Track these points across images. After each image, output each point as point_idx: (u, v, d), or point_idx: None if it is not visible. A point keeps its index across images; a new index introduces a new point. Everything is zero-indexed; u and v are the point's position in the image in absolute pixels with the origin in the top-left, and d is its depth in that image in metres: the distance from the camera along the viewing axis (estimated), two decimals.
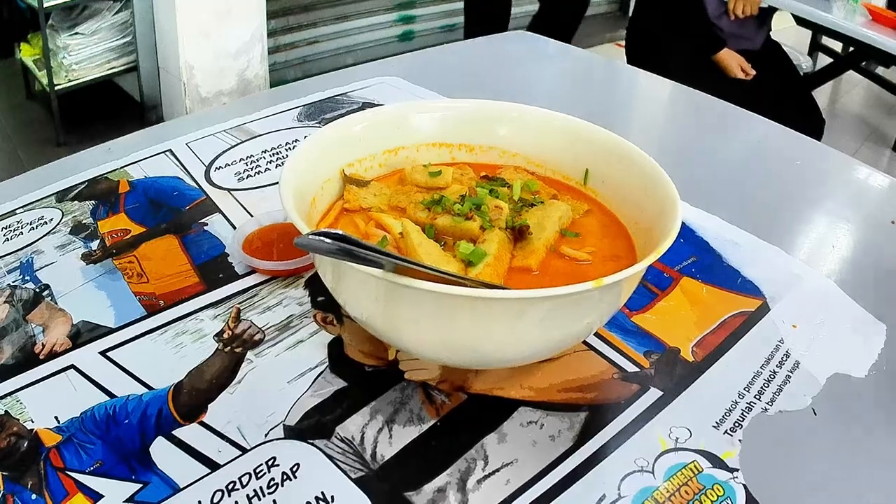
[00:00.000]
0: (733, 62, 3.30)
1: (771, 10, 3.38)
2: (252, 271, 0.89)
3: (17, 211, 1.05)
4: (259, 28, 4.67)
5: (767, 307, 0.86)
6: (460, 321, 0.60)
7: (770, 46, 3.56)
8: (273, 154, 1.17)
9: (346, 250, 0.55)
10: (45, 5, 4.66)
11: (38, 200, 1.07)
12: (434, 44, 5.96)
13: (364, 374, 0.74)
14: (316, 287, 0.86)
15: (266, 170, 1.12)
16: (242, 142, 1.20)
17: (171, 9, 4.50)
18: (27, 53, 5.66)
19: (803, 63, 4.02)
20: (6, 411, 0.72)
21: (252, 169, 1.12)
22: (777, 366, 0.77)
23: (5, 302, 0.87)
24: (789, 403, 0.73)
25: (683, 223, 0.79)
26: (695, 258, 0.93)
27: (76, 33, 4.85)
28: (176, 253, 0.93)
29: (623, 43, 3.98)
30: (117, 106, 5.44)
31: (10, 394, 0.74)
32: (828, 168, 1.26)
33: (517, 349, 0.64)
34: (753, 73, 3.29)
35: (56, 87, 4.84)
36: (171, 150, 1.17)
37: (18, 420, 0.71)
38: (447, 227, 0.74)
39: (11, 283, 0.89)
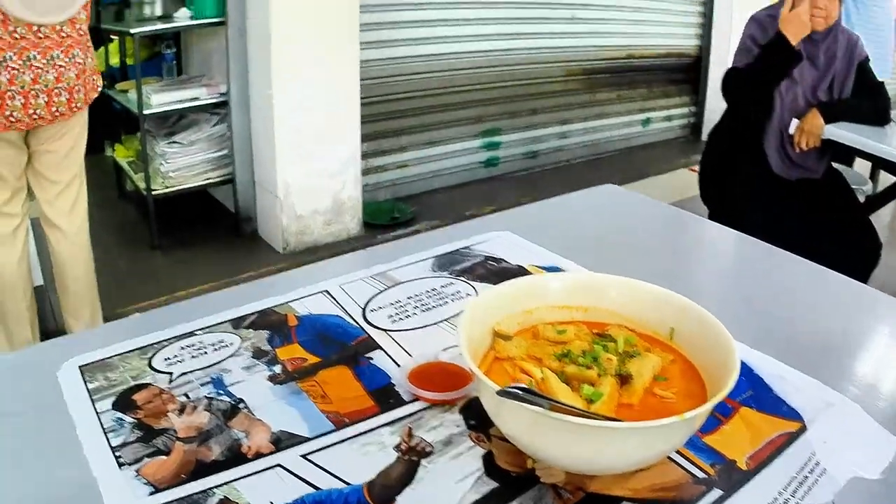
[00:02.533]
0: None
1: (832, 142, 3.57)
2: (416, 399, 1.14)
3: (197, 332, 1.31)
4: (354, 150, 4.87)
5: (805, 428, 1.09)
6: (585, 442, 0.89)
7: (831, 175, 3.79)
8: (417, 300, 1.42)
9: (528, 399, 0.88)
10: (145, 112, 4.86)
11: (215, 325, 1.33)
12: (517, 170, 6.23)
13: (510, 478, 0.99)
14: (468, 413, 1.11)
15: (413, 314, 1.37)
16: (389, 287, 1.46)
17: (270, 126, 4.71)
18: (121, 154, 5.93)
19: (864, 187, 4.22)
20: (225, 496, 0.96)
21: (402, 313, 1.38)
22: (808, 472, 1.01)
23: (205, 410, 1.12)
24: (816, 499, 0.96)
25: (742, 362, 1.00)
26: (751, 392, 1.17)
27: (174, 142, 5.07)
28: (350, 381, 1.18)
29: (696, 168, 4.19)
30: (211, 214, 5.68)
31: (225, 483, 0.98)
32: (869, 312, 1.51)
33: (623, 462, 0.93)
34: None
35: (152, 192, 5.05)
36: (327, 291, 1.43)
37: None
38: (574, 374, 1.03)
39: (207, 395, 1.14)
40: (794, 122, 3.61)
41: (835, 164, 3.87)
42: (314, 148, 4.79)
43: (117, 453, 1.03)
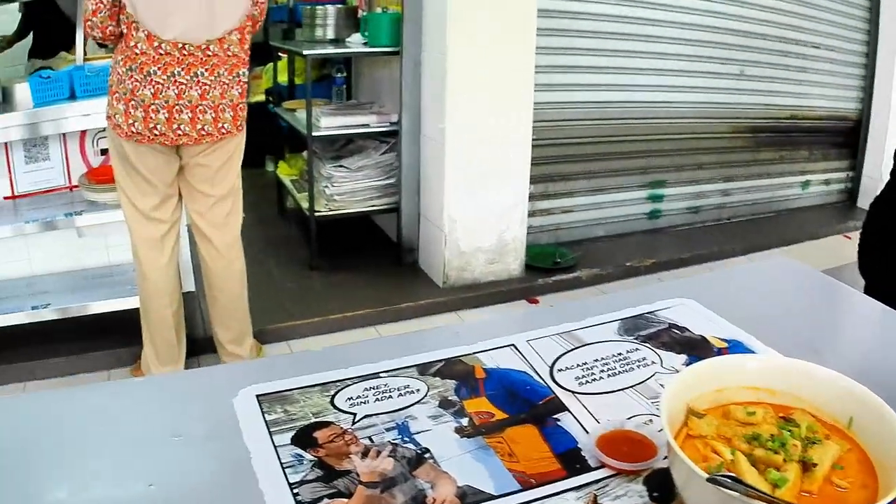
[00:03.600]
0: None
1: None
2: (602, 465, 1.13)
3: (381, 374, 1.29)
4: (522, 192, 4.87)
5: None
6: None
7: None
8: (603, 364, 1.40)
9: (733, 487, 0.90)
10: (314, 134, 4.93)
11: (400, 368, 1.31)
12: (678, 224, 6.17)
13: None
14: (651, 483, 1.09)
15: (600, 378, 1.35)
16: (576, 348, 1.44)
17: (440, 160, 4.74)
18: (284, 172, 6.05)
19: None
20: None
21: (588, 375, 1.36)
22: None
23: (389, 456, 1.09)
24: None
25: None
26: None
27: (341, 166, 5.13)
28: (538, 441, 1.17)
29: (850, 235, 4.10)
30: (371, 240, 5.73)
31: None
32: None
33: None
34: None
35: (315, 213, 5.13)
36: (514, 345, 1.40)
37: None
38: (761, 457, 1.02)
39: (392, 441, 1.12)
40: None
41: None
42: (483, 185, 4.80)
43: (295, 490, 1.03)
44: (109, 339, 4.25)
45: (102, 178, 4.14)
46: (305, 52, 5.01)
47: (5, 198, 4.33)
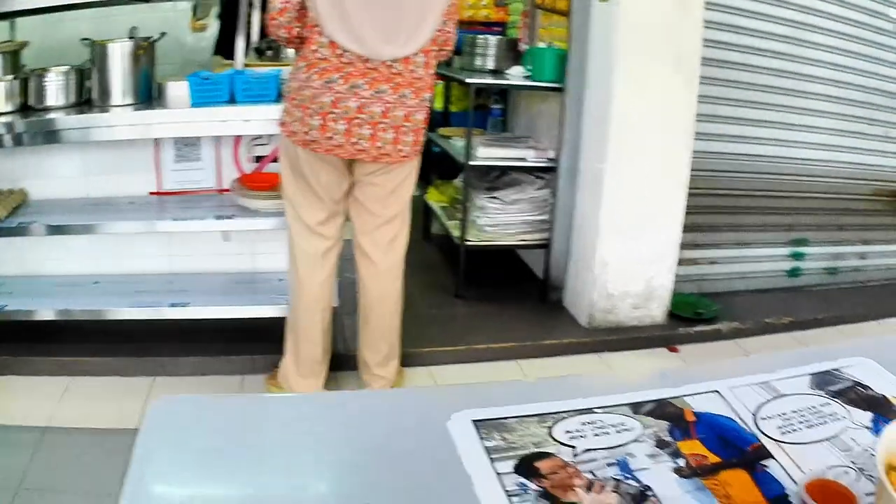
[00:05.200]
0: None
1: None
2: None
3: (595, 410, 1.32)
4: (674, 239, 4.87)
5: None
6: None
7: None
8: (800, 415, 1.43)
9: None
10: (471, 163, 4.98)
11: (613, 406, 1.34)
12: (815, 284, 6.08)
13: None
14: None
15: (798, 429, 1.38)
16: (774, 398, 1.48)
17: (597, 201, 4.77)
18: (434, 198, 6.12)
19: None
20: None
21: (788, 426, 1.39)
22: None
23: (613, 491, 1.13)
24: None
25: None
26: None
27: (495, 197, 5.18)
28: (749, 485, 1.21)
29: None
30: (517, 275, 5.77)
31: None
32: None
33: None
34: None
35: (466, 242, 5.21)
36: (718, 391, 1.44)
37: None
38: None
39: (615, 477, 1.16)
40: None
41: None
42: (637, 229, 4.81)
43: None
44: (246, 344, 4.37)
45: (257, 184, 4.26)
46: (468, 80, 5.08)
47: (150, 193, 4.47)
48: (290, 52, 4.08)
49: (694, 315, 5.15)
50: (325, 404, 1.46)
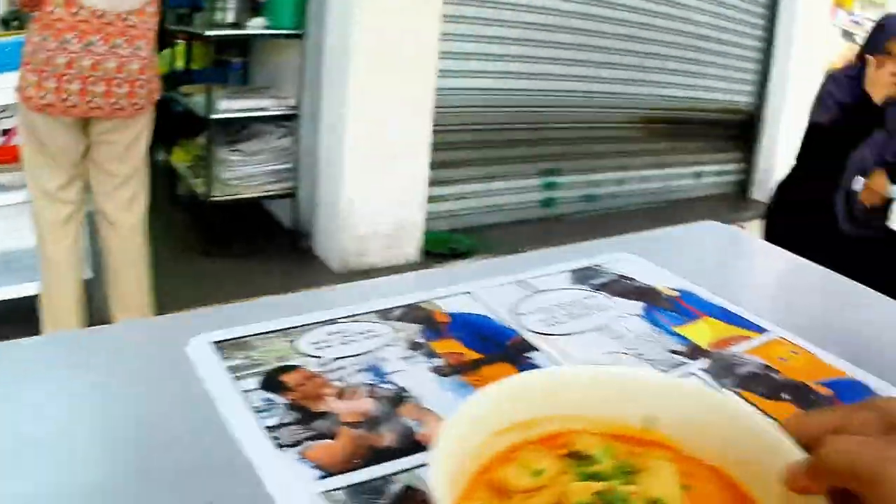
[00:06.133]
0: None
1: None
2: None
3: (341, 320, 1.25)
4: (422, 177, 4.88)
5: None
6: None
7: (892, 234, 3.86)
8: (563, 308, 1.39)
9: None
10: (212, 117, 4.88)
11: (359, 314, 1.27)
12: (573, 213, 6.23)
13: None
14: None
15: (563, 321, 1.34)
16: (533, 294, 1.43)
17: (339, 144, 4.74)
18: (178, 158, 6.00)
19: None
20: (407, 485, 0.90)
21: (551, 318, 1.34)
22: None
23: (368, 396, 1.05)
24: None
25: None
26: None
27: (237, 150, 5.09)
28: None
29: (744, 225, 4.26)
30: (265, 227, 5.69)
31: (405, 471, 0.93)
32: None
33: None
34: None
35: (210, 198, 5.19)
36: (471, 293, 1.39)
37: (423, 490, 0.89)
38: None
39: (368, 382, 1.08)
40: (860, 181, 3.69)
41: None
42: (382, 171, 4.80)
43: (273, 434, 0.98)
44: (4, 328, 4.12)
45: (4, 157, 4.13)
46: (208, 33, 5.02)
47: None
48: None
49: (448, 251, 5.19)
50: (58, 344, 1.35)
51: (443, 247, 5.14)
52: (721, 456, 0.75)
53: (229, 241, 5.35)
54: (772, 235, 4.08)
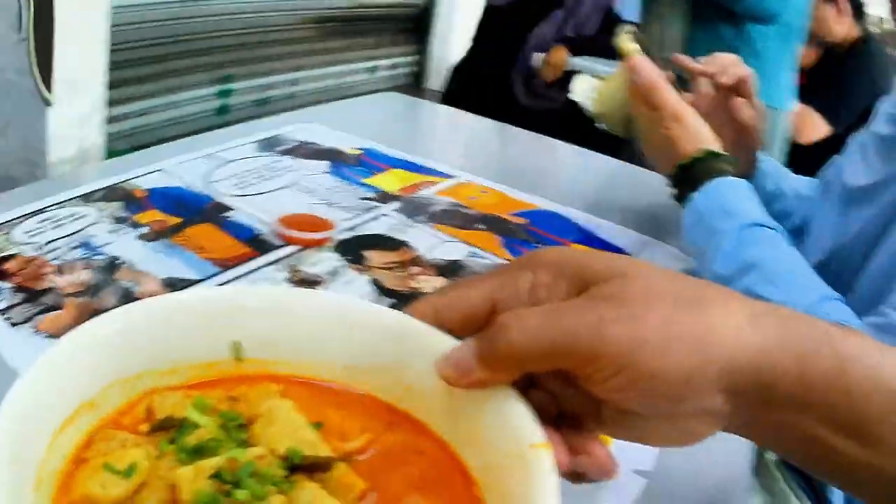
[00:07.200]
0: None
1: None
2: (288, 243, 1.23)
3: (47, 209, 1.29)
4: (99, 99, 4.73)
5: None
6: None
7: (571, 104, 4.05)
8: (254, 173, 1.50)
9: None
10: None
11: (64, 201, 1.33)
12: (247, 116, 6.16)
13: (402, 295, 1.13)
14: (342, 250, 1.23)
15: (255, 183, 1.46)
16: (223, 164, 1.53)
17: None
18: None
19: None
20: None
21: (244, 182, 1.46)
22: None
23: (84, 269, 1.13)
24: None
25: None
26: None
27: None
28: (219, 234, 1.25)
29: None
30: None
31: None
32: None
33: None
34: None
35: None
36: (162, 170, 1.47)
37: None
38: None
39: (81, 257, 1.16)
40: (539, 56, 3.78)
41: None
42: (61, 96, 4.64)
43: (6, 316, 1.02)
44: None
45: None
46: None
47: None
48: None
49: None
50: None
51: None
52: (351, 373, 0.59)
53: None
54: None
